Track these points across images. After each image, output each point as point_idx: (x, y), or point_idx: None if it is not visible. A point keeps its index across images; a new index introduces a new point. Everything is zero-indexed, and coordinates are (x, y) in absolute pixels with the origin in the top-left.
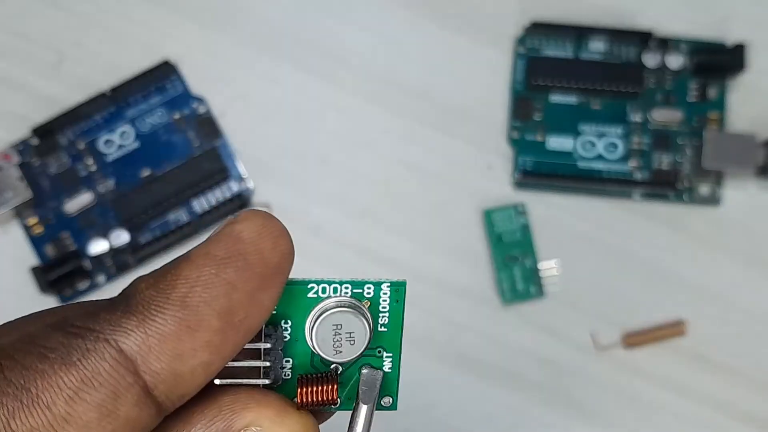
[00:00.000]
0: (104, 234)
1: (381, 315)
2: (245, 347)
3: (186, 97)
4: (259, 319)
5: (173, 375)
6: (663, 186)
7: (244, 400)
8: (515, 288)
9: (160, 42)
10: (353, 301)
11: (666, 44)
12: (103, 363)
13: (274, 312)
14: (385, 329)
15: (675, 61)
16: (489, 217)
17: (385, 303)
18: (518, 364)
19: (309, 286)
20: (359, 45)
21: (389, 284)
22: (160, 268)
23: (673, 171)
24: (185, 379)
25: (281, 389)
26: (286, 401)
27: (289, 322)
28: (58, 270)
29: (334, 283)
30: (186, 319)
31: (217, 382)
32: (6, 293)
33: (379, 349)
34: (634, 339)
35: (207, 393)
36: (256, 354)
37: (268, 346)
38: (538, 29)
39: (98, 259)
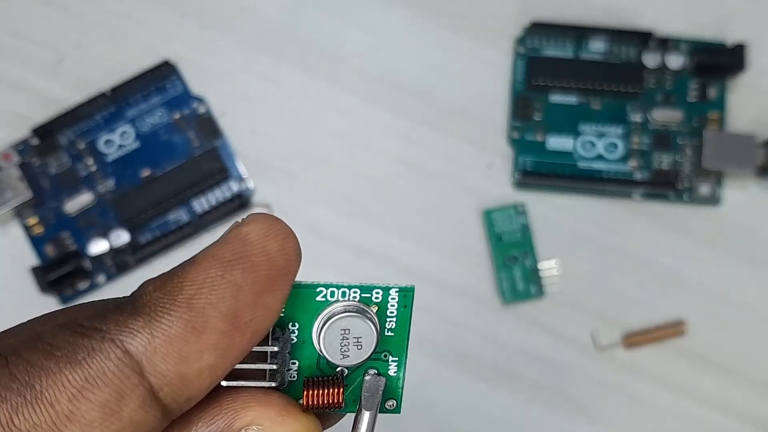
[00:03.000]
0: (104, 234)
1: (388, 320)
2: (253, 350)
3: (186, 97)
4: (266, 321)
5: (179, 377)
6: (663, 186)
7: (245, 400)
8: (515, 288)
9: (160, 42)
10: (361, 306)
11: (666, 44)
12: (108, 363)
13: (282, 314)
14: (392, 334)
15: (675, 61)
16: (489, 217)
17: (393, 308)
18: (518, 364)
19: (317, 290)
20: (359, 45)
21: (398, 290)
22: (168, 270)
23: (673, 171)
24: (191, 382)
25: (287, 391)
26: (289, 401)
27: (296, 324)
28: (58, 270)
29: (343, 287)
30: (192, 320)
31: (223, 383)
32: (6, 293)
33: (385, 353)
34: (634, 339)
35: (210, 393)
36: (263, 356)
37: (276, 349)
38: (538, 29)
39: (98, 259)
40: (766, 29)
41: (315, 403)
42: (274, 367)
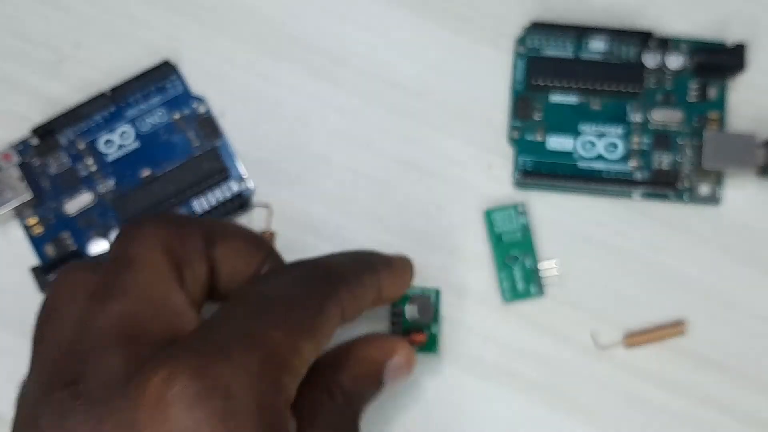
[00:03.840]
0: (104, 234)
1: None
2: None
3: (186, 97)
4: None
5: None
6: (663, 186)
7: (389, 338)
8: (515, 288)
9: (160, 42)
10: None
11: (666, 44)
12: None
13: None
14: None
15: (675, 61)
16: (489, 217)
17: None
18: (518, 364)
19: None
20: (359, 45)
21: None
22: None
23: (673, 171)
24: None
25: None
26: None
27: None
28: (59, 270)
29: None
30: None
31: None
32: (6, 293)
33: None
34: (635, 339)
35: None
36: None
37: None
38: (538, 29)
39: (98, 259)
40: (766, 29)
41: (416, 340)
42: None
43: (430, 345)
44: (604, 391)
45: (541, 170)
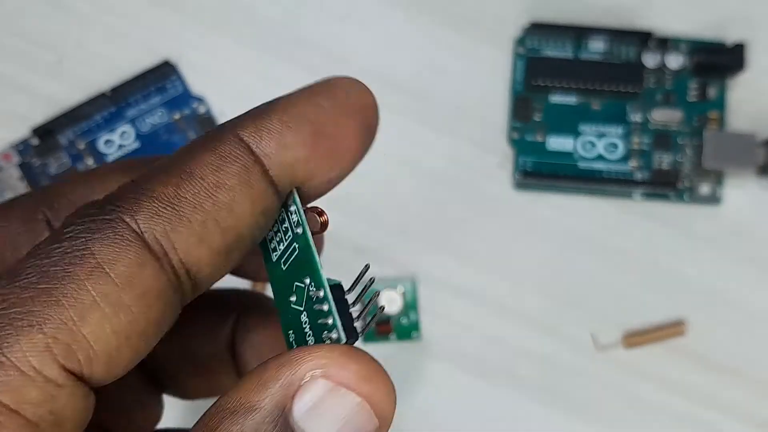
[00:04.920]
0: None
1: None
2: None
3: (186, 97)
4: (350, 146)
5: (281, 164)
6: (663, 186)
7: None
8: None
9: (160, 42)
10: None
11: (666, 44)
12: (232, 147)
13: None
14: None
15: (675, 60)
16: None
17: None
18: (518, 364)
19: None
20: (359, 45)
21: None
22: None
23: (673, 171)
24: (293, 169)
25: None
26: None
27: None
28: None
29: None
30: (288, 120)
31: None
32: None
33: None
34: (634, 339)
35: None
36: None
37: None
38: (538, 29)
39: None
40: (766, 29)
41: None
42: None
43: (405, 332)
44: (604, 391)
45: (542, 171)
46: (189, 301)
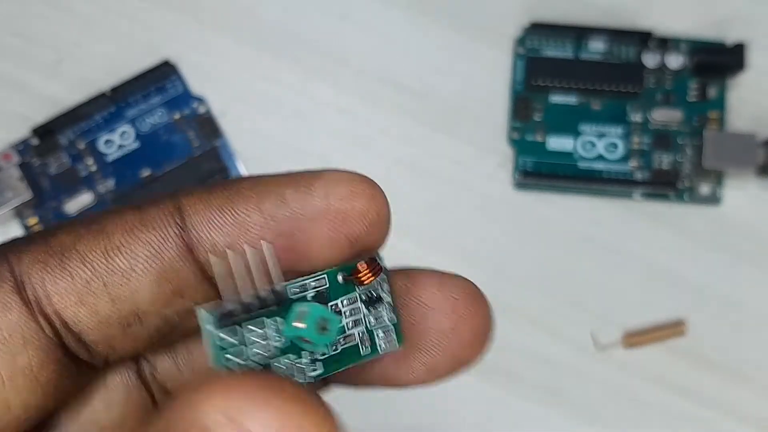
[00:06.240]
0: None
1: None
2: None
3: (186, 97)
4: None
5: (211, 243)
6: (663, 186)
7: None
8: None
9: (160, 42)
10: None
11: (666, 44)
12: (158, 211)
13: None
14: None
15: (675, 60)
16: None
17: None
18: (518, 364)
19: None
20: (359, 45)
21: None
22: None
23: (673, 171)
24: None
25: None
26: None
27: None
28: None
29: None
30: (231, 198)
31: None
32: None
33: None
34: (634, 339)
35: None
36: None
37: None
38: (538, 29)
39: None
40: (766, 29)
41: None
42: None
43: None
44: (604, 391)
45: (542, 171)
46: (102, 365)
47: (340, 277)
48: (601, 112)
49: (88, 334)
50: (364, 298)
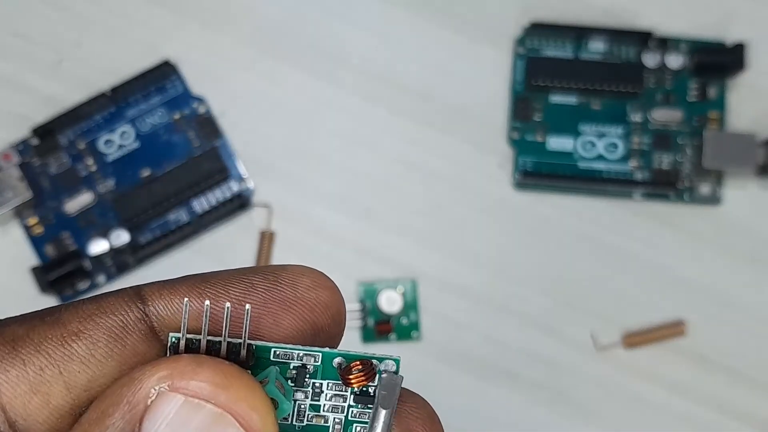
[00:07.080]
0: (104, 234)
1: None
2: None
3: (186, 97)
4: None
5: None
6: (663, 186)
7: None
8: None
9: (160, 42)
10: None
11: (666, 44)
12: (118, 298)
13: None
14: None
15: (675, 60)
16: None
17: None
18: (518, 364)
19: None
20: (359, 45)
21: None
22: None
23: (674, 171)
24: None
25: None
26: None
27: None
28: (58, 270)
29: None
30: (200, 288)
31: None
32: (6, 293)
33: None
34: (634, 339)
35: None
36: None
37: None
38: (538, 29)
39: (98, 259)
40: (766, 29)
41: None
42: None
43: (405, 332)
44: (604, 391)
45: (542, 171)
46: None
47: (336, 362)
48: (601, 112)
49: (34, 429)
50: (357, 391)
